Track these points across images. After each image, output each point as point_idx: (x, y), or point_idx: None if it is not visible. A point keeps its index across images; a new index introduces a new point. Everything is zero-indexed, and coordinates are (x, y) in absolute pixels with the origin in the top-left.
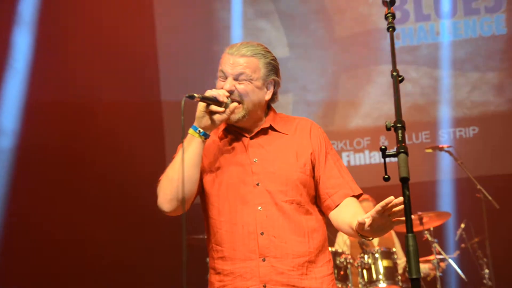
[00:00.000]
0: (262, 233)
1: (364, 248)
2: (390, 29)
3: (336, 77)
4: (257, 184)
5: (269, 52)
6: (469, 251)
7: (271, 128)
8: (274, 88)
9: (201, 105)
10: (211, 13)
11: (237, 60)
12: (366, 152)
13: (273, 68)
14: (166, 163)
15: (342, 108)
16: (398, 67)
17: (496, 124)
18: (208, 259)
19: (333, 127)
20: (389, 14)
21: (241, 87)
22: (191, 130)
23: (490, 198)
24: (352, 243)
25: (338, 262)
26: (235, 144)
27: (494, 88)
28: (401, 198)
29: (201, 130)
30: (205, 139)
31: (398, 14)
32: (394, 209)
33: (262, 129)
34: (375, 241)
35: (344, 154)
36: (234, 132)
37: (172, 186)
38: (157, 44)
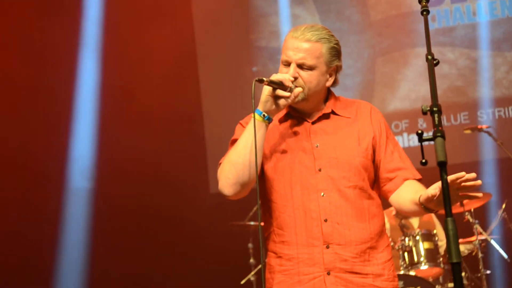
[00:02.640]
0: (325, 220)
1: (404, 230)
2: (424, 13)
3: (372, 61)
4: (319, 170)
5: (333, 36)
6: (510, 231)
7: (333, 112)
8: (336, 74)
9: (267, 89)
10: (247, 2)
11: (301, 45)
12: (405, 135)
13: (337, 52)
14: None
15: (379, 92)
16: (434, 49)
17: None
18: (249, 244)
19: (376, 108)
20: None
21: (304, 74)
22: (255, 115)
23: None
24: (392, 226)
25: None
26: (297, 129)
27: None
28: (473, 174)
29: (265, 114)
30: (269, 123)
31: None
32: (464, 184)
33: (324, 114)
34: (415, 223)
35: None
36: (296, 116)
37: (235, 169)
38: (195, 38)
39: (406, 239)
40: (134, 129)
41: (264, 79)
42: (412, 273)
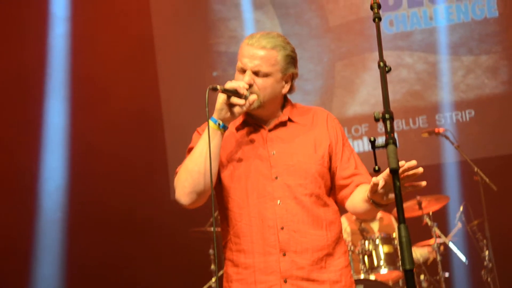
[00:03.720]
0: (282, 228)
1: (364, 234)
2: (376, 20)
3: (332, 65)
4: (276, 178)
5: (288, 43)
6: (468, 234)
7: (289, 120)
8: (292, 81)
9: (221, 97)
10: (206, 5)
11: (256, 52)
12: (365, 139)
13: (292, 60)
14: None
15: (339, 96)
16: (393, 53)
17: (492, 107)
18: (210, 251)
19: (333, 114)
20: (374, 4)
21: (259, 81)
22: (210, 123)
23: (487, 180)
24: (353, 230)
25: None
26: (254, 137)
27: (488, 71)
28: (413, 162)
29: (221, 122)
30: (224, 131)
31: (391, 1)
32: (406, 173)
33: (281, 122)
34: (376, 227)
35: None
36: (253, 124)
37: (192, 178)
38: (154, 43)
39: (366, 243)
40: (102, 135)
41: (218, 87)
42: (372, 277)
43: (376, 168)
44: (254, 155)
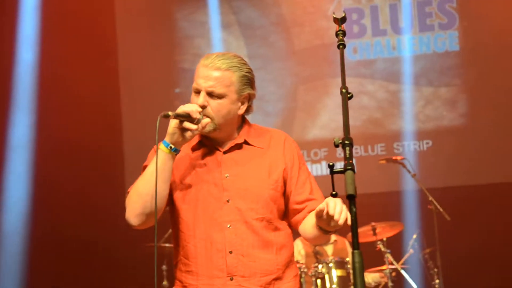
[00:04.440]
0: (230, 252)
1: (318, 257)
2: (340, 47)
3: (294, 89)
4: (228, 201)
5: (244, 64)
6: (420, 262)
7: (245, 142)
8: (248, 102)
9: (174, 122)
10: (172, 23)
11: (211, 74)
12: (323, 163)
13: (248, 81)
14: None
15: (300, 119)
16: (355, 80)
17: (449, 138)
18: (163, 266)
19: (291, 137)
20: (339, 32)
21: (213, 103)
22: (162, 146)
23: (441, 210)
24: (307, 253)
25: None
26: (208, 159)
27: (447, 103)
28: (331, 211)
29: (172, 146)
30: (176, 154)
31: (355, 28)
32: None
33: (236, 144)
34: (330, 250)
35: None
36: (209, 145)
37: (141, 200)
38: (118, 57)
39: (320, 266)
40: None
41: (170, 113)
42: None
43: (334, 193)
44: (207, 177)
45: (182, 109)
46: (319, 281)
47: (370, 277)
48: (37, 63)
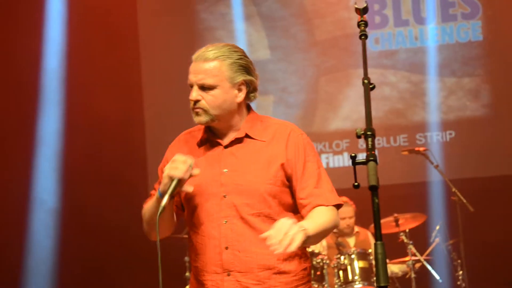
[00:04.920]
0: (226, 248)
1: (340, 249)
2: (362, 37)
3: (316, 80)
4: (224, 196)
5: (236, 51)
6: (444, 253)
7: (247, 136)
8: (247, 88)
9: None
10: (193, 15)
11: (199, 67)
12: (345, 154)
13: (241, 67)
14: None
15: (321, 110)
16: (377, 71)
17: (472, 129)
18: (186, 258)
19: (313, 129)
20: (361, 22)
21: (207, 95)
22: (157, 196)
23: (464, 201)
24: (329, 244)
25: (314, 262)
26: (210, 154)
27: (470, 93)
28: (268, 238)
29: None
30: (172, 198)
31: (377, 19)
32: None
33: (237, 138)
34: (352, 242)
35: (323, 156)
36: (212, 140)
37: (149, 227)
38: (139, 49)
39: (342, 257)
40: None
41: (163, 204)
42: None
43: (356, 184)
44: (208, 173)
45: (173, 185)
46: (341, 272)
47: (397, 267)
48: (63, 62)
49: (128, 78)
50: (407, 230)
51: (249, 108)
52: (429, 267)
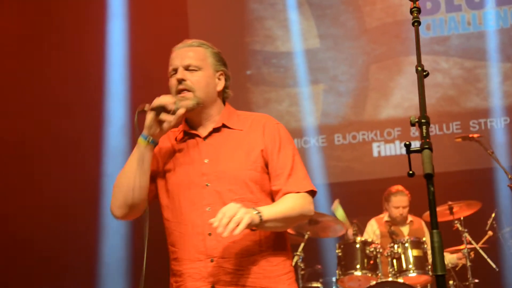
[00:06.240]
0: (209, 234)
1: (393, 237)
2: (415, 24)
3: (367, 68)
4: (207, 185)
5: (214, 47)
6: (500, 241)
7: (224, 126)
8: (225, 81)
9: (150, 115)
10: (243, 4)
11: (184, 51)
12: (397, 142)
13: (221, 59)
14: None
15: (372, 99)
16: (428, 58)
17: None
18: None
19: (364, 117)
20: (414, 9)
21: (192, 76)
22: (140, 139)
23: None
24: (382, 233)
25: (367, 251)
26: (190, 146)
27: None
28: (213, 223)
29: (150, 139)
30: (154, 146)
31: (428, 5)
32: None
33: (214, 128)
34: (406, 230)
35: (374, 145)
36: (190, 134)
37: (121, 193)
38: (189, 37)
39: (395, 246)
40: None
41: (146, 107)
42: (400, 280)
43: (410, 172)
44: (187, 164)
45: (158, 101)
46: (395, 261)
47: (448, 258)
48: (127, 57)
49: None
50: (461, 218)
51: (224, 103)
52: (485, 256)
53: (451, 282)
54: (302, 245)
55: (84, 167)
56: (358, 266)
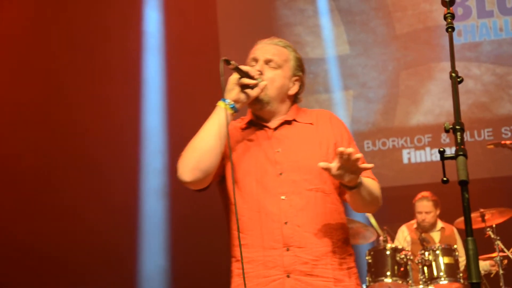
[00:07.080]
0: (286, 223)
1: (424, 244)
2: (449, 30)
3: (397, 74)
4: (280, 174)
5: (297, 52)
6: None
7: (294, 120)
8: (299, 86)
9: (233, 78)
10: (272, 11)
11: (269, 46)
12: (427, 149)
13: (302, 66)
14: None
15: (403, 105)
16: (460, 64)
17: None
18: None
19: (394, 123)
20: (448, 14)
21: (270, 72)
22: (220, 102)
23: None
24: (413, 240)
25: (398, 258)
26: (259, 135)
27: None
28: (348, 150)
29: (231, 102)
30: (234, 112)
31: (460, 11)
32: (350, 160)
33: (286, 120)
34: (437, 238)
35: (404, 151)
36: (258, 124)
37: (197, 154)
38: (219, 46)
39: (426, 253)
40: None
41: (232, 62)
42: (431, 287)
43: (445, 179)
44: (259, 152)
45: (243, 67)
46: (425, 268)
47: (481, 265)
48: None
49: (207, 75)
50: (493, 225)
51: (293, 102)
52: None
53: None
54: None
55: (119, 187)
56: (388, 273)
